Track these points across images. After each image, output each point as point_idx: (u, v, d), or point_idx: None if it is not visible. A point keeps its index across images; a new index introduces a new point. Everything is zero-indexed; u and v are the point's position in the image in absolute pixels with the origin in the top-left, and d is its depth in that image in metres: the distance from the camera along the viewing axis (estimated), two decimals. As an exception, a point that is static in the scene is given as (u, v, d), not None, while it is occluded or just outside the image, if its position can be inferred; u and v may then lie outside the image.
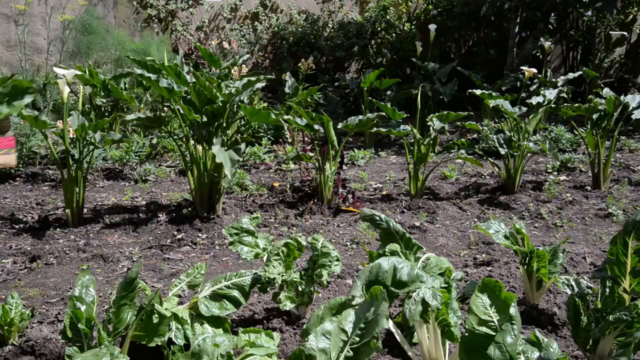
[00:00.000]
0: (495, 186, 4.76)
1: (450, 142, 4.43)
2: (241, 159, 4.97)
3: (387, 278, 1.86)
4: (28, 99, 3.14)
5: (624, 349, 1.96)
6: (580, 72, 6.85)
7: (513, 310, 1.66)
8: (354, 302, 1.70)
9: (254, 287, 2.44)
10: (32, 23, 7.14)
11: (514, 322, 1.64)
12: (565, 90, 5.63)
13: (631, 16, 8.86)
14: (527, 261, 2.64)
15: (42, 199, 4.44)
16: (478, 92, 4.89)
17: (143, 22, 8.58)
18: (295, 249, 2.54)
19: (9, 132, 3.05)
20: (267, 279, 2.43)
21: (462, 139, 4.52)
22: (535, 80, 7.06)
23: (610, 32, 8.68)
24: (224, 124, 3.93)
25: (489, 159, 4.94)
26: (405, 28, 8.91)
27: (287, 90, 6.34)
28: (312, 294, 2.59)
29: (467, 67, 8.17)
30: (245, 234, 2.58)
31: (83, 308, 1.71)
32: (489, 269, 3.17)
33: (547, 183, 4.74)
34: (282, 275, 2.49)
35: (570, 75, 6.62)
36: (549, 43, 7.49)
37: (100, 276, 3.17)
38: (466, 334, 1.65)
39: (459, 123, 4.91)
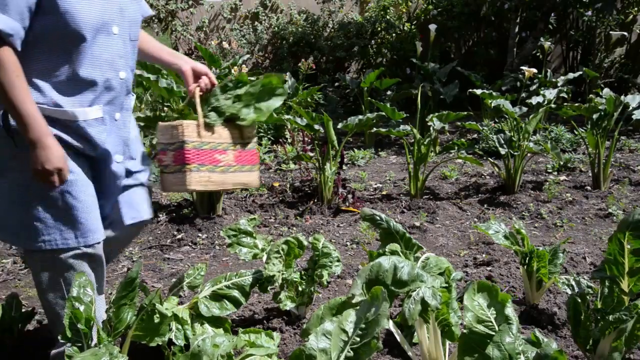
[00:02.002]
0: (495, 186, 4.76)
1: (450, 142, 4.43)
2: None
3: (388, 277, 1.86)
4: (279, 102, 2.28)
5: (615, 343, 1.96)
6: (580, 72, 6.84)
7: (509, 310, 1.67)
8: (353, 301, 1.70)
9: (254, 287, 2.45)
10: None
11: (510, 322, 1.65)
12: (565, 90, 5.63)
13: (631, 16, 8.85)
14: (527, 261, 2.64)
15: (42, 199, 4.44)
16: (478, 91, 4.89)
17: (143, 22, 8.58)
18: (295, 247, 2.54)
19: (251, 145, 2.30)
20: (266, 277, 2.43)
21: (462, 139, 4.52)
22: (535, 80, 7.06)
23: (610, 32, 8.68)
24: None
25: (489, 159, 4.94)
26: (405, 28, 8.90)
27: (287, 90, 6.33)
28: (312, 294, 2.60)
29: (467, 67, 8.17)
30: (244, 235, 2.58)
31: (82, 308, 1.71)
32: (489, 269, 3.17)
33: (547, 183, 4.74)
34: (282, 274, 2.49)
35: (570, 75, 6.61)
36: (549, 43, 7.49)
37: (100, 276, 3.18)
38: (465, 332, 1.66)
39: (459, 123, 4.91)
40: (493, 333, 1.63)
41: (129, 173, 2.07)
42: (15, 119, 1.75)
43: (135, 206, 2.08)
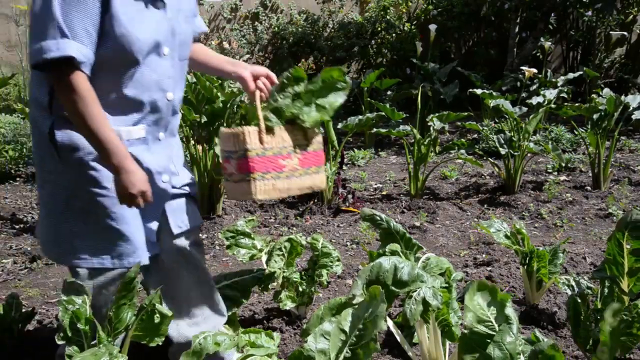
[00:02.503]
0: (495, 186, 4.76)
1: (450, 142, 4.43)
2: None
3: (388, 277, 1.86)
4: (342, 98, 2.07)
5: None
6: (581, 72, 6.84)
7: (509, 310, 1.67)
8: (354, 301, 1.70)
9: (254, 287, 2.45)
10: (32, 23, 7.13)
11: (511, 321, 1.65)
12: (565, 90, 5.63)
13: (631, 16, 8.85)
14: (527, 261, 2.64)
15: (42, 199, 4.44)
16: (478, 91, 4.89)
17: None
18: (298, 246, 2.54)
19: (317, 144, 2.13)
20: (268, 274, 2.44)
21: (462, 139, 4.52)
22: (535, 81, 7.06)
23: (611, 32, 8.67)
24: (225, 124, 3.93)
25: (489, 159, 4.94)
26: (405, 28, 8.90)
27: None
28: (312, 294, 2.60)
29: (467, 67, 8.16)
30: (242, 236, 2.58)
31: (79, 309, 1.71)
32: (489, 269, 3.17)
33: (547, 183, 4.74)
34: (284, 272, 2.49)
35: (571, 76, 6.61)
36: (549, 43, 7.48)
37: (100, 276, 3.17)
38: (465, 332, 1.66)
39: (459, 123, 4.91)
40: (493, 333, 1.63)
41: (174, 187, 2.01)
42: (96, 146, 1.73)
43: (181, 215, 2.03)
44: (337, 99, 2.09)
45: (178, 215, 2.01)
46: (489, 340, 1.62)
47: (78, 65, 1.67)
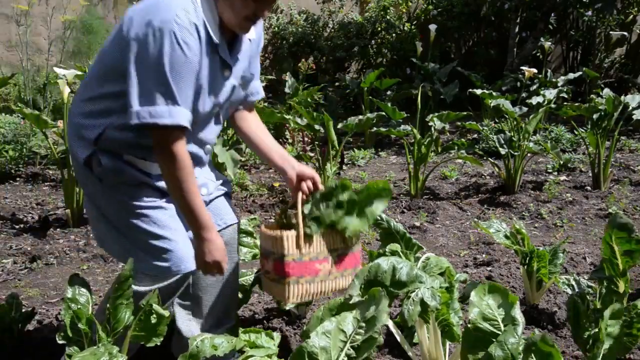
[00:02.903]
0: (495, 186, 4.76)
1: (450, 142, 4.43)
2: (243, 159, 4.96)
3: (386, 278, 1.86)
4: (382, 206, 2.09)
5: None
6: (581, 73, 6.84)
7: (517, 312, 1.67)
8: (351, 302, 1.70)
9: (255, 286, 2.44)
10: (32, 23, 7.13)
11: (517, 323, 1.65)
12: (565, 90, 5.63)
13: (631, 16, 8.83)
14: (527, 261, 2.64)
15: (42, 199, 4.44)
16: (478, 91, 4.89)
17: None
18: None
19: (354, 247, 2.13)
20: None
21: (462, 139, 4.52)
22: (535, 81, 7.05)
23: (611, 32, 8.66)
24: (225, 124, 3.93)
25: (489, 159, 4.93)
26: (405, 28, 8.90)
27: (287, 90, 6.33)
28: (312, 294, 2.59)
29: (467, 67, 8.15)
30: (244, 235, 2.58)
31: (80, 308, 1.71)
32: (489, 269, 3.17)
33: (547, 183, 4.73)
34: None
35: (571, 76, 6.61)
36: (549, 43, 7.48)
37: (100, 276, 3.18)
38: (469, 326, 1.66)
39: (459, 123, 4.90)
40: (498, 332, 1.63)
41: (210, 193, 2.06)
42: (184, 210, 1.82)
43: (220, 214, 2.06)
44: (378, 207, 2.10)
45: (215, 214, 2.04)
46: (492, 339, 1.62)
47: (184, 131, 1.73)
